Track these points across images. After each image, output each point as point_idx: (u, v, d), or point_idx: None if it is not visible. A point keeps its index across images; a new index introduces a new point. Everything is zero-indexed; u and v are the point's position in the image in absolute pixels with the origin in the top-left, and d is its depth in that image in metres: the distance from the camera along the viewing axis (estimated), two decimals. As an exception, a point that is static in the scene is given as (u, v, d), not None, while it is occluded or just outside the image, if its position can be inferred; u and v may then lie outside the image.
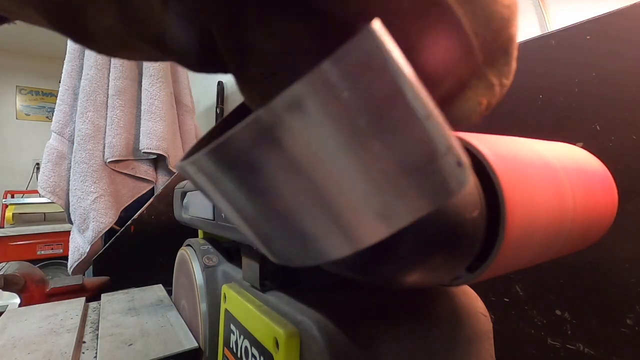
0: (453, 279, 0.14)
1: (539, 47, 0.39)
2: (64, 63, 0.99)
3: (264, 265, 0.25)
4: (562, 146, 0.19)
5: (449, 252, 0.12)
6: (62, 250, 2.15)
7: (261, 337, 0.22)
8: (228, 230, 0.26)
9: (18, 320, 0.42)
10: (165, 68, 1.00)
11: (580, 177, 0.17)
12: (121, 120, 0.94)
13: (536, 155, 0.16)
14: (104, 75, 0.95)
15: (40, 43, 3.06)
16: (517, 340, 0.39)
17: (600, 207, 0.18)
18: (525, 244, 0.14)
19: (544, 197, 0.14)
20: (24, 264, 0.60)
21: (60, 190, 0.98)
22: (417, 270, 0.12)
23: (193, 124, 1.13)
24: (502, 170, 0.13)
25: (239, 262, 0.31)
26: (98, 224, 0.90)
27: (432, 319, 0.21)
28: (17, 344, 0.35)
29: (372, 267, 0.13)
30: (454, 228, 0.12)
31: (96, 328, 0.40)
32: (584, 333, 0.35)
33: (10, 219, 2.16)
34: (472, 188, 0.12)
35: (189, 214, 0.38)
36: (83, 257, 0.93)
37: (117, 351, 0.33)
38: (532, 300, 0.38)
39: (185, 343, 0.34)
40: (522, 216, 0.13)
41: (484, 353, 0.22)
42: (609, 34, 0.34)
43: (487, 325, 0.23)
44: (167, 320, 0.39)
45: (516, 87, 0.47)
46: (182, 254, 0.40)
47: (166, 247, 0.54)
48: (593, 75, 0.35)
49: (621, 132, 0.33)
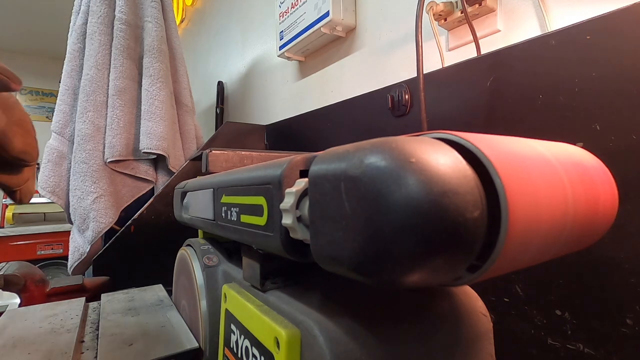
0: (454, 279, 0.14)
1: (539, 47, 0.39)
2: (64, 63, 0.99)
3: (264, 265, 0.25)
4: (562, 146, 0.19)
5: (450, 253, 0.12)
6: (62, 250, 2.15)
7: (262, 337, 0.22)
8: (228, 230, 0.26)
9: (18, 320, 0.42)
10: (166, 68, 1.00)
11: (580, 177, 0.17)
12: (121, 120, 0.94)
13: (537, 155, 0.16)
14: (104, 75, 0.95)
15: (40, 43, 3.06)
16: (517, 340, 0.39)
17: (601, 207, 0.18)
18: (526, 244, 0.14)
19: (545, 197, 0.14)
20: (24, 264, 0.60)
21: (60, 190, 0.98)
22: (418, 271, 0.12)
23: (193, 124, 1.13)
24: (503, 170, 0.13)
25: (239, 262, 0.31)
26: (98, 224, 0.90)
27: (432, 319, 0.21)
28: (17, 344, 0.35)
29: (373, 268, 0.13)
30: (455, 228, 0.12)
31: (96, 328, 0.40)
32: (584, 333, 0.35)
33: (10, 219, 2.16)
34: (474, 188, 0.12)
35: (189, 214, 0.38)
36: (83, 257, 0.93)
37: (117, 351, 0.33)
38: (532, 300, 0.38)
39: (185, 343, 0.34)
40: (523, 216, 0.13)
41: (484, 353, 0.22)
42: (609, 33, 0.34)
43: (487, 325, 0.23)
44: (167, 320, 0.39)
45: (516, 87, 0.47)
46: (182, 254, 0.40)
47: (166, 247, 0.54)
48: (593, 75, 0.35)
49: (621, 132, 0.33)
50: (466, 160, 0.13)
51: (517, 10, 0.50)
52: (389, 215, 0.12)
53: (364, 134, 0.64)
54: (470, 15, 0.51)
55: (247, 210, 0.23)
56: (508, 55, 0.42)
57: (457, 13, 0.54)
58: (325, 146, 0.17)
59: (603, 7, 0.38)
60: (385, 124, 0.59)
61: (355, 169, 0.13)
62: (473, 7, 0.51)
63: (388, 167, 0.12)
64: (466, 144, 0.14)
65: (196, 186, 0.36)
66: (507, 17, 0.51)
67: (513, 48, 0.41)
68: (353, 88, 0.77)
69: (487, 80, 0.43)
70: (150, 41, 1.00)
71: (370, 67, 0.74)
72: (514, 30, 0.50)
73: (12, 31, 2.83)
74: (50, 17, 2.61)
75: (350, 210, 0.13)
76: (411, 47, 0.63)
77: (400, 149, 0.13)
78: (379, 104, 0.60)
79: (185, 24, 1.82)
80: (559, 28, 0.38)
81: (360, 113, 0.65)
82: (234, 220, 0.25)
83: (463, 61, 0.47)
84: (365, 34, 0.75)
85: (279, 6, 0.88)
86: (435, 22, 0.57)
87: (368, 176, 0.13)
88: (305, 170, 0.19)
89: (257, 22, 1.17)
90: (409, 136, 0.14)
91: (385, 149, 0.13)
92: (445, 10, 0.54)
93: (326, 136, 0.73)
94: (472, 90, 0.45)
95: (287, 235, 0.18)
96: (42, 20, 2.67)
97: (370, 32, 0.74)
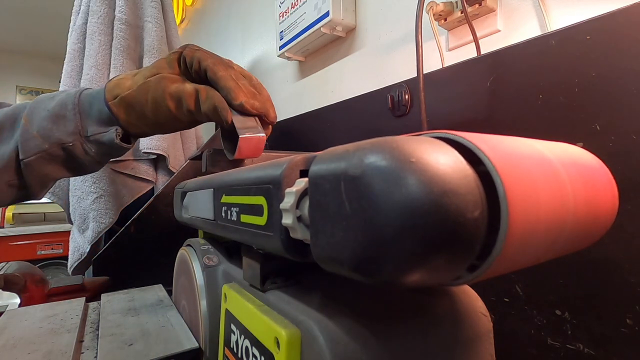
0: (454, 278, 0.14)
1: (539, 47, 0.39)
2: (64, 63, 0.99)
3: (264, 265, 0.25)
4: (562, 146, 0.19)
5: (449, 252, 0.12)
6: (62, 250, 2.15)
7: (262, 337, 0.22)
8: (228, 230, 0.26)
9: (18, 320, 0.42)
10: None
11: (581, 177, 0.17)
12: (121, 120, 0.93)
13: (537, 155, 0.16)
14: (104, 75, 0.95)
15: (40, 43, 3.06)
16: (517, 340, 0.39)
17: (601, 207, 0.18)
18: (526, 243, 0.14)
19: (546, 196, 0.14)
20: (24, 264, 0.60)
21: (60, 190, 0.98)
22: (417, 271, 0.12)
23: (193, 124, 1.12)
24: (503, 170, 0.13)
25: (240, 262, 0.31)
26: (98, 224, 0.90)
27: (432, 319, 0.21)
28: (17, 344, 0.35)
29: (373, 268, 0.13)
30: (455, 228, 0.12)
31: (96, 328, 0.40)
32: (584, 333, 0.35)
33: (10, 219, 2.16)
34: (474, 188, 0.12)
35: (189, 214, 0.38)
36: (83, 257, 0.93)
37: (117, 351, 0.33)
38: (532, 300, 0.38)
39: (185, 343, 0.34)
40: (523, 216, 0.13)
41: (484, 353, 0.22)
42: (609, 34, 0.34)
43: (487, 325, 0.23)
44: (167, 320, 0.39)
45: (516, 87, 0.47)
46: (182, 254, 0.40)
47: (166, 247, 0.54)
48: (593, 75, 0.35)
49: (621, 132, 0.33)
50: (466, 159, 0.13)
51: (517, 10, 0.50)
52: (389, 215, 0.12)
53: (364, 134, 0.64)
54: (470, 15, 0.51)
55: (247, 210, 0.23)
56: (508, 55, 0.42)
57: (457, 13, 0.54)
58: (325, 146, 0.17)
59: (603, 7, 0.38)
60: (385, 124, 0.59)
61: (355, 169, 0.13)
62: (473, 7, 0.51)
63: (388, 166, 0.12)
64: (466, 144, 0.14)
65: (196, 186, 0.36)
66: (507, 17, 0.51)
67: (513, 48, 0.41)
68: (353, 88, 0.77)
69: (487, 80, 0.43)
70: (150, 41, 1.00)
71: (370, 67, 0.74)
72: (514, 30, 0.50)
73: (12, 31, 2.83)
74: (50, 17, 2.61)
75: (350, 210, 0.13)
76: (411, 47, 0.63)
77: (401, 149, 0.13)
78: (379, 104, 0.60)
79: (185, 24, 1.82)
80: (559, 28, 0.38)
81: (360, 113, 0.65)
82: (234, 220, 0.25)
83: (463, 61, 0.47)
84: (365, 34, 0.75)
85: (279, 6, 0.88)
86: (435, 22, 0.57)
87: (368, 176, 0.13)
88: (305, 170, 0.19)
89: (257, 22, 1.17)
90: (409, 136, 0.14)
91: (385, 148, 0.13)
92: (445, 10, 0.54)
93: (326, 136, 0.73)
94: (472, 90, 0.45)
95: (287, 235, 0.18)
96: (42, 20, 2.67)
97: (370, 32, 0.74)
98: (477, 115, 0.45)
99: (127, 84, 0.40)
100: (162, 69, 0.40)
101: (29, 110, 0.42)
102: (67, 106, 0.41)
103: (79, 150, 0.41)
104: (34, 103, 0.43)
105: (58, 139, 0.40)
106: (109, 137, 0.41)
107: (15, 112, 0.43)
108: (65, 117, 0.41)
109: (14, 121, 0.42)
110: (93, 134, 0.41)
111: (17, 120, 0.42)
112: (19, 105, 0.44)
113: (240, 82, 0.38)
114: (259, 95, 0.39)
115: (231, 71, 0.38)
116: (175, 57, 0.40)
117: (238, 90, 0.37)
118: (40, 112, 0.41)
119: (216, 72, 0.37)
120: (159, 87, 0.38)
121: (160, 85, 0.38)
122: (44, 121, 0.40)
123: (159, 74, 0.39)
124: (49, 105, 0.41)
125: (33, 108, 0.42)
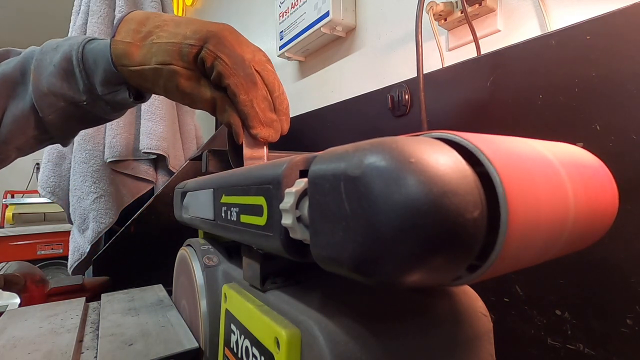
0: (453, 279, 0.14)
1: (539, 47, 0.39)
2: (64, 63, 0.99)
3: (264, 265, 0.25)
4: (562, 146, 0.19)
5: (449, 253, 0.12)
6: (62, 250, 2.15)
7: (262, 337, 0.22)
8: (228, 230, 0.26)
9: (18, 320, 0.42)
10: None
11: (581, 177, 0.17)
12: (121, 120, 0.94)
13: (537, 155, 0.16)
14: (104, 75, 0.95)
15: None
16: (517, 340, 0.39)
17: (601, 207, 0.18)
18: (526, 244, 0.14)
19: (546, 196, 0.14)
20: (24, 264, 0.60)
21: (60, 190, 0.98)
22: (417, 271, 0.12)
23: (193, 124, 1.13)
24: (503, 170, 0.13)
25: (240, 262, 0.31)
26: (98, 224, 0.90)
27: (432, 319, 0.21)
28: (17, 344, 0.35)
29: (372, 268, 0.13)
30: (455, 228, 0.12)
31: (96, 328, 0.40)
32: (584, 333, 0.35)
33: (10, 219, 2.16)
34: (474, 188, 0.12)
35: (189, 214, 0.38)
36: (83, 257, 0.93)
37: (117, 351, 0.33)
38: (532, 300, 0.38)
39: (185, 343, 0.34)
40: (523, 216, 0.13)
41: (484, 353, 0.22)
42: (609, 34, 0.34)
43: (487, 325, 0.23)
44: (167, 320, 0.39)
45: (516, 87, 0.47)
46: (182, 254, 0.40)
47: (166, 247, 0.54)
48: (593, 75, 0.35)
49: (621, 132, 0.33)
50: (466, 160, 0.13)
51: (517, 10, 0.50)
52: (389, 215, 0.12)
53: (364, 134, 0.64)
54: (470, 15, 0.51)
55: (247, 210, 0.23)
56: (508, 55, 0.42)
57: (457, 13, 0.54)
58: (325, 146, 0.17)
59: (603, 7, 0.38)
60: (385, 124, 0.59)
61: (355, 169, 0.13)
62: (473, 7, 0.51)
63: (388, 167, 0.12)
64: (466, 144, 0.14)
65: (196, 186, 0.36)
66: (507, 17, 0.51)
67: (513, 48, 0.41)
68: (353, 88, 0.77)
69: (487, 81, 0.43)
70: (150, 41, 1.00)
71: (370, 67, 0.74)
72: (514, 30, 0.50)
73: (11, 31, 2.83)
74: (50, 17, 2.61)
75: (350, 210, 0.13)
76: (411, 47, 0.63)
77: (400, 149, 0.13)
78: (379, 104, 0.60)
79: (185, 24, 1.81)
80: (559, 28, 0.38)
81: (360, 113, 0.65)
82: (233, 220, 0.25)
83: (463, 61, 0.47)
84: (365, 34, 0.75)
85: (279, 6, 0.88)
86: (435, 22, 0.57)
87: (368, 176, 0.13)
88: (305, 170, 0.19)
89: (257, 22, 1.17)
90: (409, 136, 0.14)
91: (385, 149, 0.13)
92: (445, 10, 0.54)
93: (326, 136, 0.73)
94: (472, 90, 0.45)
95: (287, 235, 0.18)
96: (42, 20, 2.67)
97: (370, 32, 0.73)
98: (477, 115, 0.45)
99: (136, 59, 0.37)
100: (174, 59, 0.36)
101: (36, 63, 0.41)
102: (72, 62, 0.40)
103: (94, 107, 0.42)
104: (40, 54, 0.42)
105: (71, 98, 0.41)
106: (122, 96, 0.41)
107: (25, 65, 0.42)
108: (74, 75, 0.40)
109: (25, 73, 0.42)
110: (104, 94, 0.41)
111: (27, 74, 0.42)
112: (27, 53, 0.43)
113: (260, 106, 0.36)
114: (276, 122, 0.37)
115: (253, 93, 0.35)
116: (193, 54, 0.36)
117: (256, 119, 0.35)
118: (47, 67, 0.41)
119: (237, 95, 0.35)
120: (172, 82, 0.37)
121: (172, 80, 0.36)
122: (53, 77, 0.40)
123: (171, 65, 0.36)
124: (54, 59, 0.41)
125: (39, 60, 0.41)
